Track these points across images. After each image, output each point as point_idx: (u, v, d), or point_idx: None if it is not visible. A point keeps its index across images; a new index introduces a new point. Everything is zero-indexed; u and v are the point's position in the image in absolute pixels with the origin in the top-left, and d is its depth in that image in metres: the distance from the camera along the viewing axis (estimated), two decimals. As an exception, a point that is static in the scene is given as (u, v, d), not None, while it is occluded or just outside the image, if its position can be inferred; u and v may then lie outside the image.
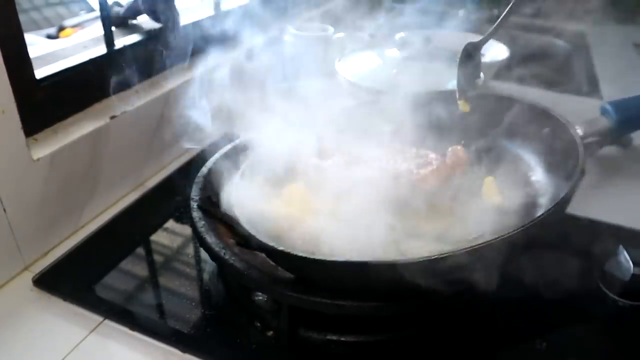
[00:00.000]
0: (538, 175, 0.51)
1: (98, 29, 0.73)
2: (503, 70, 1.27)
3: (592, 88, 1.13)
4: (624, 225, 0.61)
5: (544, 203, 0.49)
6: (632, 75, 1.23)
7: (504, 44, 1.27)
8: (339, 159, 0.53)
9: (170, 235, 0.58)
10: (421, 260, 0.36)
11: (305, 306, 0.40)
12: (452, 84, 0.76)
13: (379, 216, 0.45)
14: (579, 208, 0.64)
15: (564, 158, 0.48)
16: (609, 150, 0.80)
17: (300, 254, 0.39)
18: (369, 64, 0.79)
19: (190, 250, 0.56)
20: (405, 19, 1.43)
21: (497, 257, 0.38)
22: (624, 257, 0.52)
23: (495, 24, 0.61)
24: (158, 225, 0.59)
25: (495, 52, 1.03)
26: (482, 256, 0.37)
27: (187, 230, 0.59)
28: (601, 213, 0.64)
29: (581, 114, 0.57)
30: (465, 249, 0.36)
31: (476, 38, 0.94)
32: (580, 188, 0.69)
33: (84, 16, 2.52)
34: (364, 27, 1.03)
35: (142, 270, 0.53)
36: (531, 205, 0.49)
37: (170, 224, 0.60)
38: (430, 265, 0.36)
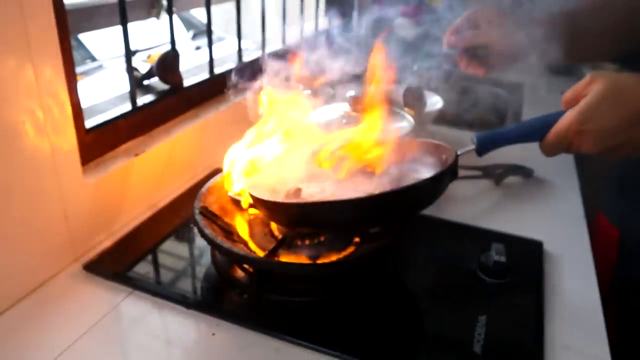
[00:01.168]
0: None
1: (102, 80, 0.96)
2: (446, 114, 1.52)
3: (516, 131, 1.37)
4: (494, 229, 0.86)
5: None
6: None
7: (447, 91, 1.53)
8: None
9: (175, 240, 0.81)
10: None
11: (266, 269, 0.63)
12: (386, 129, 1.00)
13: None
14: (479, 221, 0.89)
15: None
16: (510, 179, 1.06)
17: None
18: (328, 116, 1.03)
19: (189, 249, 0.80)
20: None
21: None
22: (493, 250, 0.76)
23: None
24: (167, 232, 0.82)
25: (433, 101, 1.29)
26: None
27: (186, 237, 0.82)
28: (491, 223, 0.88)
29: (501, 152, 0.80)
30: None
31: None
32: (482, 207, 0.94)
33: (88, 65, 2.79)
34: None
35: (156, 261, 0.76)
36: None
37: (175, 233, 0.83)
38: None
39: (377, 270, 0.73)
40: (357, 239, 0.72)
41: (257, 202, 0.66)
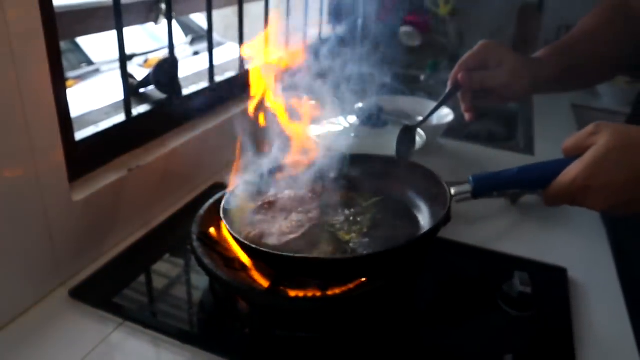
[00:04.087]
0: (426, 217, 0.70)
1: (98, 84, 0.90)
2: (456, 126, 1.47)
3: (528, 145, 1.32)
4: (523, 256, 0.80)
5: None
6: (563, 134, 1.43)
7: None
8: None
9: (171, 262, 0.75)
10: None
11: (271, 306, 0.57)
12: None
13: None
14: (496, 244, 0.83)
15: (441, 208, 0.66)
16: (527, 198, 1.00)
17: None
18: (334, 128, 0.97)
19: (185, 273, 0.73)
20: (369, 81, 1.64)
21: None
22: (516, 279, 0.70)
23: (430, 112, 0.85)
24: (161, 254, 0.76)
25: (443, 114, 1.23)
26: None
27: (182, 258, 0.76)
28: (510, 247, 0.83)
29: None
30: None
31: (422, 101, 1.15)
32: (499, 229, 0.89)
33: (84, 69, 2.72)
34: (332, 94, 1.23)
35: (150, 286, 0.70)
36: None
37: (170, 253, 0.77)
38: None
39: (390, 299, 0.67)
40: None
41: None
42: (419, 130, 0.99)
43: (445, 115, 1.21)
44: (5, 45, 0.55)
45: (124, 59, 0.79)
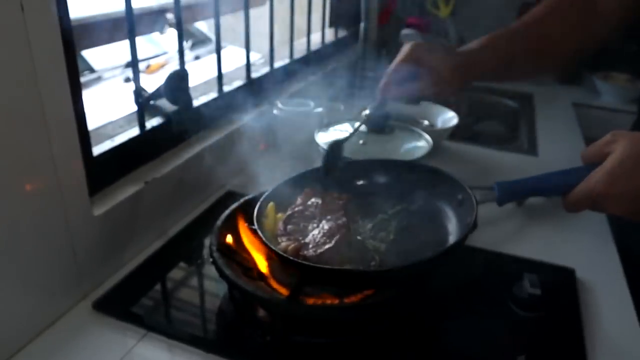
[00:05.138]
0: (452, 223, 0.72)
1: (101, 91, 0.91)
2: (461, 128, 1.49)
3: (531, 146, 1.34)
4: (531, 257, 0.82)
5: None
6: (565, 134, 1.46)
7: (461, 105, 1.50)
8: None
9: (190, 271, 0.77)
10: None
11: (292, 315, 0.59)
12: (404, 150, 0.97)
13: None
14: (505, 246, 0.85)
15: (467, 215, 0.68)
16: (533, 200, 1.02)
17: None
18: (342, 135, 0.99)
19: (203, 281, 0.75)
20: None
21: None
22: (526, 281, 0.72)
23: (351, 133, 0.86)
24: (179, 263, 0.77)
25: (447, 117, 1.25)
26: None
27: (200, 266, 0.77)
28: (518, 249, 0.84)
29: (517, 169, 0.76)
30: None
31: (428, 105, 1.16)
32: (507, 231, 0.91)
33: (86, 77, 2.74)
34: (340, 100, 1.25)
35: (170, 296, 0.72)
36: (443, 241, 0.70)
37: (188, 263, 0.78)
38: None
39: (403, 305, 0.69)
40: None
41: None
42: (425, 135, 1.01)
43: (450, 118, 1.23)
44: (28, 61, 0.56)
45: (137, 73, 0.81)
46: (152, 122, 0.86)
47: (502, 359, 0.63)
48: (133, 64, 0.80)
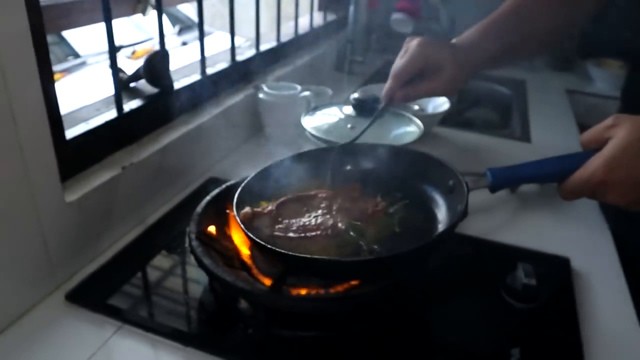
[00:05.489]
0: (442, 211, 0.69)
1: (85, 76, 0.87)
2: (452, 114, 1.46)
3: (524, 132, 1.31)
4: (525, 246, 0.79)
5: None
6: (559, 120, 1.43)
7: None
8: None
9: (167, 261, 0.73)
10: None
11: (275, 307, 0.55)
12: (394, 135, 0.93)
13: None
14: (497, 234, 0.82)
15: (457, 202, 0.65)
16: (525, 187, 0.99)
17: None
18: (329, 119, 0.95)
19: (183, 271, 0.71)
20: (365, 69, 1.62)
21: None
22: (520, 271, 0.69)
23: (363, 130, 0.79)
24: (158, 252, 0.73)
25: (438, 103, 1.22)
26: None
27: (179, 256, 0.73)
28: (511, 237, 0.82)
29: (510, 156, 0.72)
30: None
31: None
32: (499, 219, 0.88)
33: (70, 62, 2.67)
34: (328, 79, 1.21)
35: (148, 287, 0.68)
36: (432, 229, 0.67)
37: (167, 252, 0.74)
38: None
39: (391, 296, 0.66)
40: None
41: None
42: (416, 120, 0.98)
43: (441, 103, 1.19)
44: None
45: (114, 52, 0.77)
46: (130, 105, 0.82)
47: (495, 352, 0.60)
48: (109, 42, 0.75)
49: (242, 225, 0.59)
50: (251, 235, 0.58)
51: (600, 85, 1.79)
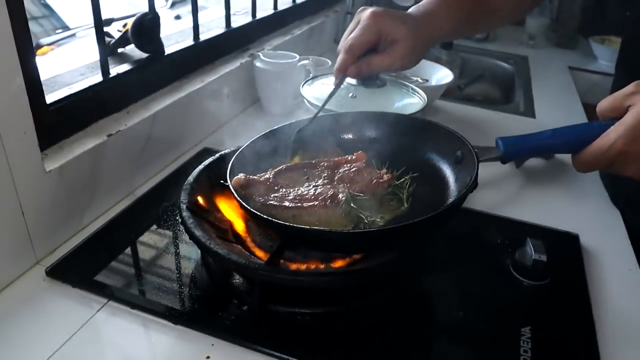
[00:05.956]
0: (450, 183, 0.65)
1: (75, 49, 0.82)
2: (454, 90, 1.41)
3: (529, 107, 1.27)
4: (532, 222, 0.76)
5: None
6: (563, 96, 1.39)
7: (454, 66, 1.42)
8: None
9: (157, 234, 0.69)
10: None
11: (272, 282, 0.51)
12: (396, 107, 0.89)
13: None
14: (504, 210, 0.78)
15: (466, 174, 0.61)
16: (531, 162, 0.95)
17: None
18: (329, 89, 0.90)
19: (174, 246, 0.67)
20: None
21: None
22: (529, 247, 0.66)
23: (318, 110, 0.72)
24: (147, 226, 0.69)
25: (441, 75, 1.17)
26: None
27: (171, 229, 0.69)
28: (518, 213, 0.78)
29: (516, 131, 0.68)
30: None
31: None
32: (505, 194, 0.84)
33: (59, 34, 2.59)
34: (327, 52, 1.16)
35: (136, 262, 0.64)
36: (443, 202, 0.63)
37: (157, 225, 0.70)
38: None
39: (396, 272, 0.62)
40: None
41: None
42: (419, 91, 0.94)
43: (445, 75, 1.15)
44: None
45: (98, 9, 0.71)
46: (117, 70, 0.77)
47: (505, 330, 0.56)
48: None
49: (233, 192, 0.55)
50: (241, 202, 0.54)
51: (604, 63, 1.75)
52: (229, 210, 0.62)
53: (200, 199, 0.61)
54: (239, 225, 0.61)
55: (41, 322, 0.54)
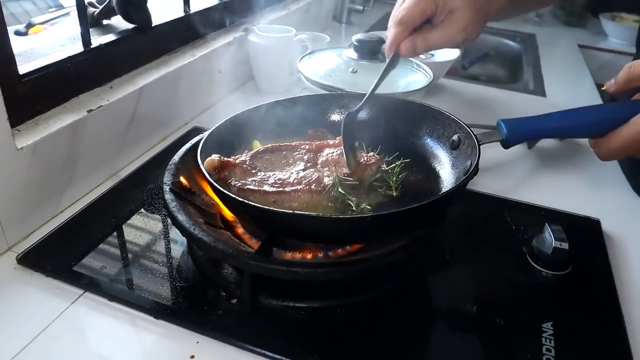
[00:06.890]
0: (445, 169, 0.59)
1: (68, 27, 0.76)
2: (457, 69, 1.35)
3: (538, 86, 1.21)
4: (549, 206, 0.70)
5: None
6: (573, 74, 1.33)
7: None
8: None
9: (142, 220, 0.63)
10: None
11: (263, 273, 0.46)
12: (401, 83, 0.83)
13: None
14: (516, 193, 0.73)
15: (464, 159, 0.56)
16: (544, 142, 0.89)
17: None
18: (328, 64, 0.84)
19: (160, 233, 0.61)
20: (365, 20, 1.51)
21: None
22: (549, 233, 0.60)
23: (369, 93, 0.62)
24: (131, 211, 0.64)
25: (447, 51, 1.11)
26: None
27: (156, 216, 0.64)
28: (532, 196, 0.72)
29: (526, 110, 0.62)
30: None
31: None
32: (517, 176, 0.78)
33: (52, 13, 2.51)
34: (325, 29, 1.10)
35: (117, 250, 0.58)
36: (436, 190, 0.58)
37: (142, 209, 0.65)
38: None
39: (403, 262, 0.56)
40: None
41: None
42: (424, 66, 0.87)
43: (451, 51, 1.08)
44: None
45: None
46: (100, 40, 0.71)
47: (524, 327, 0.51)
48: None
49: (205, 174, 0.49)
50: (214, 183, 0.48)
51: (615, 41, 1.68)
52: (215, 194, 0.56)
53: (185, 181, 0.55)
54: (228, 211, 0.55)
55: (9, 314, 0.49)
